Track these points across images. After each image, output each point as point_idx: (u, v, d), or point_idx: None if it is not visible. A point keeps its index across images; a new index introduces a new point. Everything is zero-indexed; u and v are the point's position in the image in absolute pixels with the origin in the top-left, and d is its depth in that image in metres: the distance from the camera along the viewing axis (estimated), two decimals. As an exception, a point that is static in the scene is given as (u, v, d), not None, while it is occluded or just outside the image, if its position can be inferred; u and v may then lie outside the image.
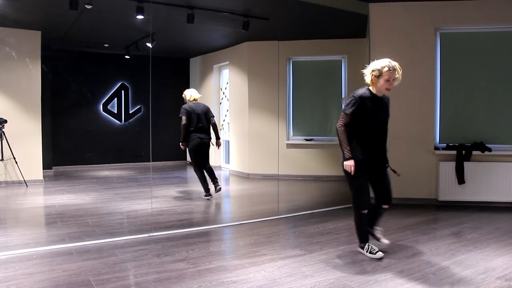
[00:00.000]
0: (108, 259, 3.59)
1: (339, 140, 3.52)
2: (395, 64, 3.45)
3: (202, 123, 6.10)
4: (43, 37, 6.92)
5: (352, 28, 6.88)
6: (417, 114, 5.91)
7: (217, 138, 6.38)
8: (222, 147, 7.85)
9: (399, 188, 5.37)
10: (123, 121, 8.61)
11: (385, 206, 3.72)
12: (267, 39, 7.76)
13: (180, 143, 6.15)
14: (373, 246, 3.67)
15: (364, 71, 3.55)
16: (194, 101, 6.20)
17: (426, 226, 4.77)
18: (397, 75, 3.44)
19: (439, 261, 3.56)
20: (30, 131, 6.87)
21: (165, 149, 8.14)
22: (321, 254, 3.74)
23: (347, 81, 7.79)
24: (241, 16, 6.36)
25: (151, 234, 4.33)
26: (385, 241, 3.78)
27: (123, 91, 8.63)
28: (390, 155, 3.73)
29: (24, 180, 6.56)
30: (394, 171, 3.67)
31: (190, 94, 6.27)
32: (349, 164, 3.47)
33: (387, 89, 3.48)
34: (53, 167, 7.83)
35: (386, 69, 3.41)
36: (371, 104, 3.48)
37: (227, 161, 9.07)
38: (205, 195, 6.14)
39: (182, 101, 6.28)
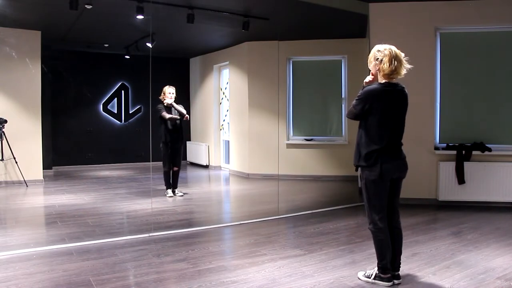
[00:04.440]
0: (108, 259, 3.59)
1: None
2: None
3: None
4: (43, 37, 6.91)
5: (352, 28, 6.88)
6: (417, 114, 5.89)
7: None
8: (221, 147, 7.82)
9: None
10: (123, 121, 8.61)
11: None
12: (267, 39, 7.76)
13: None
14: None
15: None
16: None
17: (426, 226, 4.77)
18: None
19: (439, 261, 3.56)
20: (30, 131, 6.87)
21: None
22: (321, 254, 3.74)
23: (347, 81, 7.80)
24: (241, 16, 6.35)
25: (151, 234, 4.33)
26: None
27: (123, 91, 8.63)
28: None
29: (24, 180, 6.56)
30: None
31: None
32: None
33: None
34: (53, 167, 7.83)
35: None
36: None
37: (227, 161, 9.06)
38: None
39: (183, 101, 6.29)
